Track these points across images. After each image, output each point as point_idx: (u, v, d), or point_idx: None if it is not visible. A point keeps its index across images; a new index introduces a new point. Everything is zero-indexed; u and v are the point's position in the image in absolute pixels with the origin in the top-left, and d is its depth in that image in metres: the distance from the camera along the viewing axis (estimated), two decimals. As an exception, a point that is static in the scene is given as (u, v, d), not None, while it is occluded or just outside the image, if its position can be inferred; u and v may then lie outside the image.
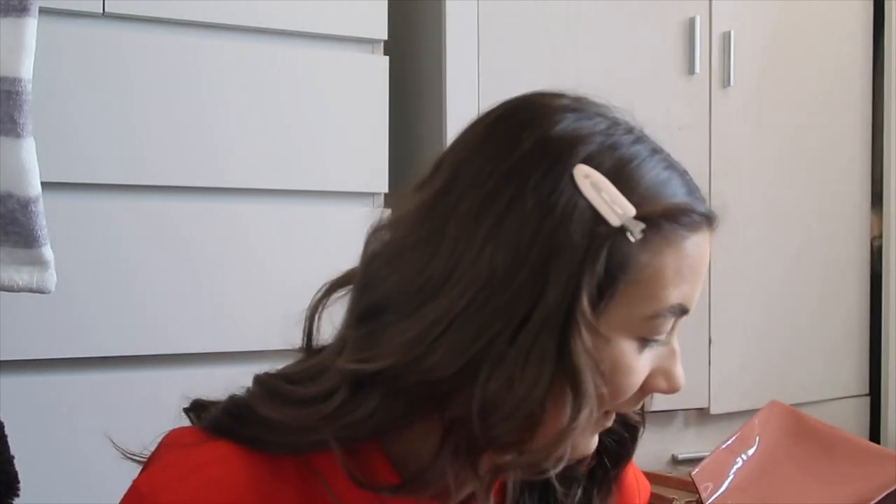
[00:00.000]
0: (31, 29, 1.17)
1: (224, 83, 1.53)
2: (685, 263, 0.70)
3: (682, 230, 0.69)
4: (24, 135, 1.16)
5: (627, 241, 0.66)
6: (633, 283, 0.67)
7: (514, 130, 0.72)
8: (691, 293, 0.71)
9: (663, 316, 0.69)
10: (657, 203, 0.69)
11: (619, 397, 0.70)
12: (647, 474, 1.91)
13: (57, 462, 1.27)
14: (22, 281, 1.19)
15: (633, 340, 0.69)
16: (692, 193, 0.74)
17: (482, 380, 0.65)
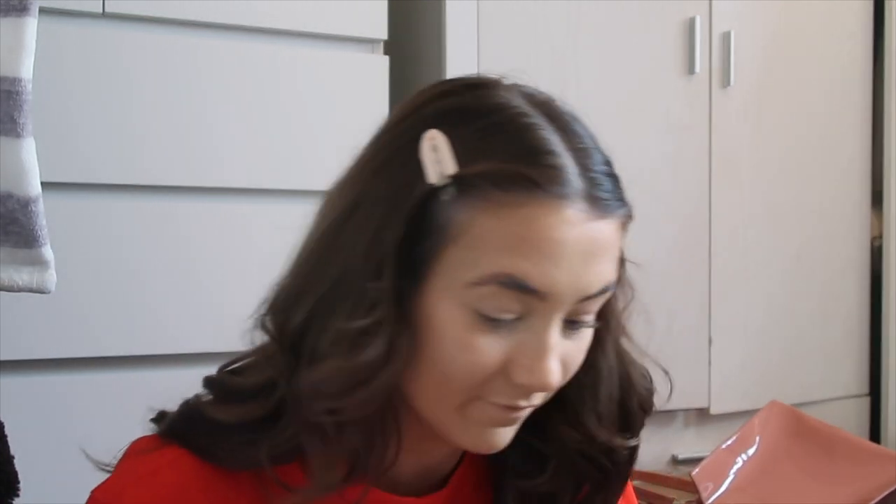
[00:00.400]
0: (31, 29, 1.17)
1: (224, 83, 1.53)
2: (516, 233, 0.65)
3: (501, 193, 0.65)
4: (24, 135, 1.16)
5: (446, 199, 0.66)
6: (454, 244, 0.66)
7: (401, 109, 0.73)
8: (530, 271, 0.65)
9: (488, 285, 0.65)
10: (481, 163, 0.66)
11: (464, 376, 0.67)
12: (647, 474, 1.92)
13: (57, 462, 1.27)
14: (22, 281, 1.19)
15: (466, 311, 0.67)
16: (545, 163, 0.67)
17: (316, 333, 0.68)
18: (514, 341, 0.68)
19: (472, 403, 0.69)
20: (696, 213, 1.96)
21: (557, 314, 0.68)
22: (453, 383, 0.68)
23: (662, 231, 1.93)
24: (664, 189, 1.93)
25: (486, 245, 0.66)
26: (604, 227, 0.68)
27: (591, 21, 1.86)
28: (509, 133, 0.68)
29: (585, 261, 0.67)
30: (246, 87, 1.55)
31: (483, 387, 0.68)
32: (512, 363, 0.68)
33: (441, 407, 0.70)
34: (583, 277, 0.67)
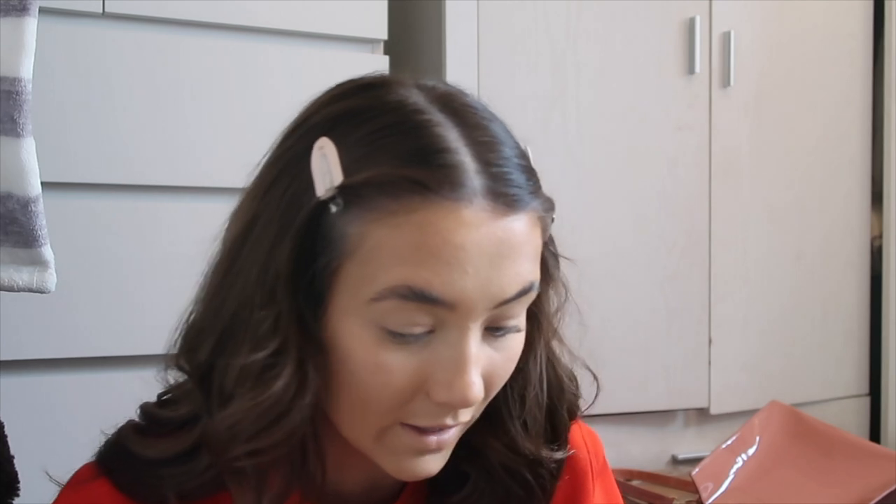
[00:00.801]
0: (30, 29, 1.17)
1: (224, 83, 1.53)
2: (411, 241, 0.61)
3: (390, 201, 0.61)
4: (24, 135, 1.16)
5: (335, 212, 0.62)
6: (350, 259, 0.62)
7: (297, 117, 0.70)
8: (432, 280, 0.61)
9: (388, 300, 0.61)
10: (368, 170, 0.62)
11: (379, 399, 0.64)
12: (647, 474, 1.92)
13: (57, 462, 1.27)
14: (22, 281, 1.19)
15: (371, 330, 0.63)
16: (435, 163, 0.62)
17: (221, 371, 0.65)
18: (429, 356, 0.64)
19: (391, 430, 0.65)
20: (696, 213, 1.96)
21: (472, 323, 0.63)
22: (370, 407, 0.64)
23: (662, 231, 1.93)
24: (664, 189, 1.93)
25: (382, 258, 0.61)
26: (513, 225, 0.63)
27: (591, 21, 1.86)
28: (400, 134, 0.63)
29: (494, 263, 0.62)
30: (246, 87, 1.55)
31: (402, 409, 0.64)
32: (430, 380, 0.64)
33: (361, 433, 0.66)
34: (494, 281, 0.62)
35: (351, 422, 0.67)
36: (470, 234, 0.61)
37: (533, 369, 0.73)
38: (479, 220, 0.62)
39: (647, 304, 1.93)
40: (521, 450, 0.73)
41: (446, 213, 0.61)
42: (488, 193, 0.63)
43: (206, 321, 0.68)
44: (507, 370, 0.68)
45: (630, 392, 1.91)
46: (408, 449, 0.66)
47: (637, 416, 1.94)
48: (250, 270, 0.65)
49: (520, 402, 0.73)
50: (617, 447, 1.92)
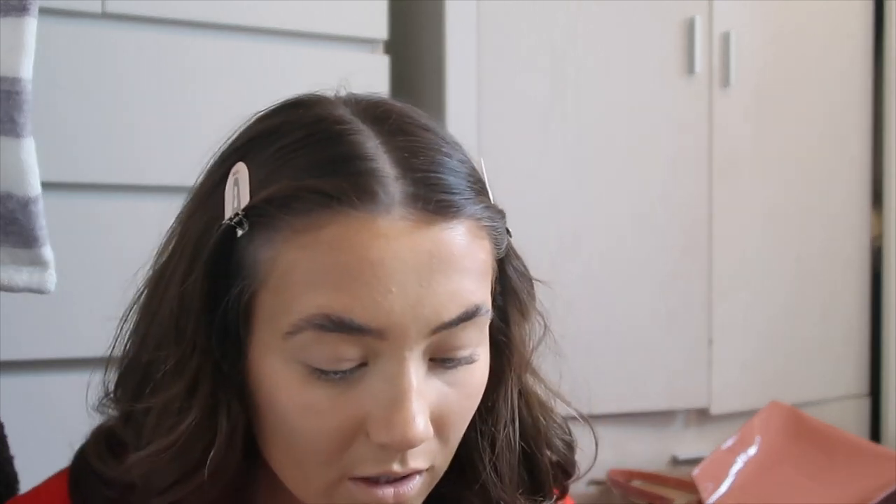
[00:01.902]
0: (30, 29, 1.17)
1: (224, 83, 1.53)
2: (324, 262, 0.54)
3: (294, 218, 0.55)
4: (24, 135, 1.16)
5: (242, 236, 0.56)
6: (264, 288, 0.56)
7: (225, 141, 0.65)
8: (355, 304, 0.54)
9: (305, 331, 0.54)
10: (271, 187, 0.56)
11: (313, 446, 0.56)
12: (647, 474, 1.92)
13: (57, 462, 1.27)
14: (22, 281, 1.19)
15: (294, 366, 0.56)
16: (342, 172, 0.55)
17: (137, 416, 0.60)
18: (363, 392, 0.56)
19: (340, 486, 0.58)
20: (696, 213, 1.96)
21: (409, 352, 0.55)
22: (307, 457, 0.57)
23: (662, 231, 1.93)
24: (664, 189, 1.93)
25: (294, 284, 0.55)
26: (445, 235, 0.55)
27: (591, 21, 1.86)
28: (310, 146, 0.57)
29: (424, 280, 0.55)
30: (246, 87, 1.55)
31: (343, 458, 0.57)
32: (367, 420, 0.56)
33: (307, 491, 0.59)
34: (426, 301, 0.55)
35: (294, 477, 0.60)
36: (389, 246, 0.54)
37: (503, 408, 0.64)
38: (399, 230, 0.54)
39: (647, 304, 1.92)
40: (494, 501, 0.64)
41: (359, 225, 0.54)
42: (409, 200, 0.55)
43: (128, 359, 0.64)
44: (466, 408, 0.60)
45: (630, 392, 1.91)
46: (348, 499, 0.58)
47: (637, 416, 1.94)
48: (167, 307, 0.60)
49: (490, 446, 0.64)
50: (617, 447, 1.92)
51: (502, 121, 1.77)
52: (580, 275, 1.84)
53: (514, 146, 1.78)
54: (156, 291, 0.63)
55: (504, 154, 1.76)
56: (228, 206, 0.58)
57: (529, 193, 1.79)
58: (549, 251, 1.82)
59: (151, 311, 0.62)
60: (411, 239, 0.54)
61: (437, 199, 0.56)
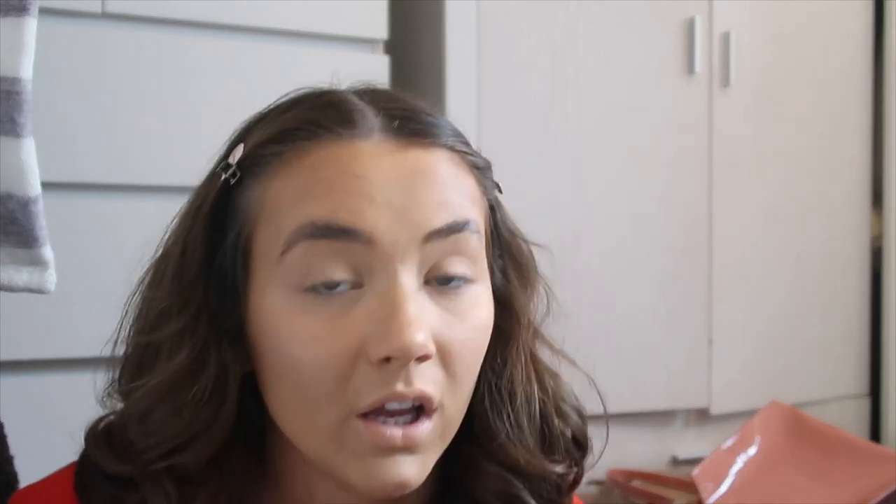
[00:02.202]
0: (30, 29, 1.17)
1: (224, 83, 1.53)
2: (309, 178, 0.58)
3: (282, 148, 0.59)
4: (24, 135, 1.16)
5: (237, 186, 0.61)
6: (259, 225, 0.59)
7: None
8: (339, 209, 0.56)
9: (297, 245, 0.57)
10: (259, 134, 0.61)
11: (316, 376, 0.57)
12: (647, 474, 1.92)
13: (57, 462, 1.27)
14: (22, 281, 1.19)
15: (291, 294, 0.58)
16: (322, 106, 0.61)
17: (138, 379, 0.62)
18: (359, 314, 0.57)
19: (347, 427, 0.58)
20: (696, 213, 1.96)
21: (401, 265, 0.57)
22: (310, 393, 0.57)
23: (662, 231, 1.93)
24: (664, 189, 1.93)
25: (282, 207, 0.58)
26: (424, 157, 0.58)
27: (591, 21, 1.86)
28: (298, 104, 0.62)
29: (408, 191, 0.57)
30: (246, 87, 1.54)
31: (346, 390, 0.57)
32: (367, 342, 0.56)
33: (315, 436, 0.59)
34: (413, 210, 0.57)
35: (301, 424, 0.59)
36: (371, 162, 0.57)
37: (517, 364, 0.65)
38: (381, 150, 0.58)
39: (647, 304, 1.92)
40: (513, 462, 0.64)
41: (341, 146, 0.58)
42: (388, 128, 0.59)
43: (130, 344, 0.67)
44: (472, 342, 0.60)
45: (630, 392, 1.91)
46: (371, 449, 0.58)
47: (637, 416, 1.94)
48: (170, 269, 0.63)
49: (507, 403, 0.64)
50: (617, 447, 1.92)
51: (502, 121, 1.77)
52: (580, 275, 1.84)
53: (514, 146, 1.78)
54: (158, 268, 0.65)
55: (504, 154, 1.75)
56: (222, 170, 0.62)
57: (529, 193, 1.79)
58: (548, 251, 1.81)
59: (154, 285, 0.64)
60: (393, 158, 0.58)
61: (414, 128, 0.59)
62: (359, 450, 0.58)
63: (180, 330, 0.60)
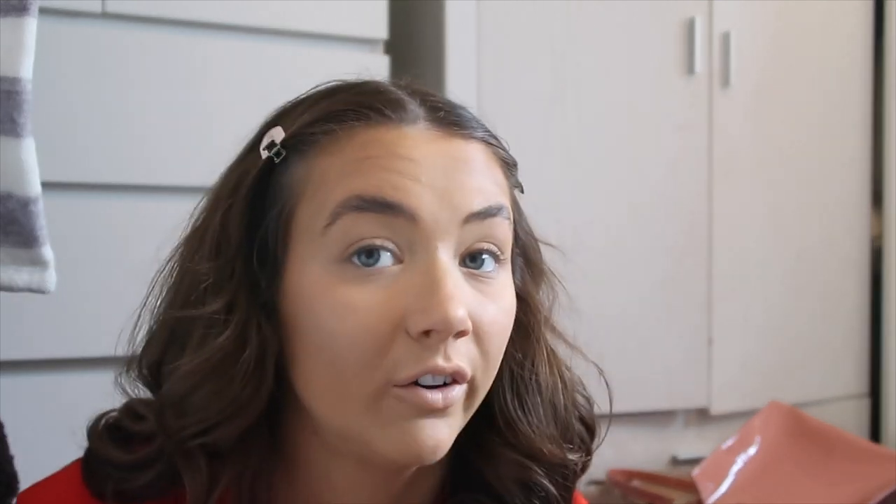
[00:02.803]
0: (30, 29, 1.17)
1: (224, 83, 1.53)
2: (357, 156, 0.60)
3: (333, 128, 0.61)
4: (24, 135, 1.16)
5: (281, 164, 0.63)
6: (302, 200, 0.61)
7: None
8: (382, 185, 0.58)
9: (342, 218, 0.58)
10: (306, 116, 0.64)
11: (355, 349, 0.58)
12: (647, 474, 1.92)
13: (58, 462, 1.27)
14: (22, 281, 1.19)
15: (334, 267, 0.59)
16: (375, 95, 0.64)
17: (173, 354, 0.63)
18: (400, 289, 0.59)
19: (385, 398, 0.59)
20: (696, 213, 1.96)
21: (441, 242, 0.59)
22: (347, 364, 0.58)
23: (662, 231, 1.93)
24: (664, 189, 1.93)
25: (329, 182, 0.60)
26: (464, 146, 0.62)
27: (591, 21, 1.86)
28: (341, 90, 0.65)
29: (450, 176, 0.60)
30: (246, 86, 1.55)
31: (384, 362, 0.58)
32: (407, 315, 0.58)
33: (349, 409, 0.60)
34: (454, 192, 0.60)
35: (334, 397, 0.60)
36: (418, 147, 0.60)
37: (537, 355, 0.68)
38: (425, 137, 0.61)
39: (647, 304, 1.92)
40: (535, 450, 0.66)
41: (388, 130, 0.61)
42: (432, 118, 0.63)
43: (159, 318, 0.68)
44: (501, 324, 0.62)
45: (630, 392, 1.91)
46: (411, 413, 0.59)
47: (637, 416, 1.94)
48: (207, 246, 0.64)
49: (526, 392, 0.67)
50: (617, 447, 1.92)
51: (502, 121, 1.75)
52: (579, 275, 1.83)
53: (514, 146, 1.78)
54: (192, 244, 0.66)
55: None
56: (262, 146, 0.64)
57: (529, 193, 1.78)
58: (548, 251, 1.81)
59: (190, 260, 0.65)
60: (437, 144, 0.61)
61: (455, 119, 0.63)
62: (396, 417, 0.59)
63: (224, 306, 0.61)
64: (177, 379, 0.62)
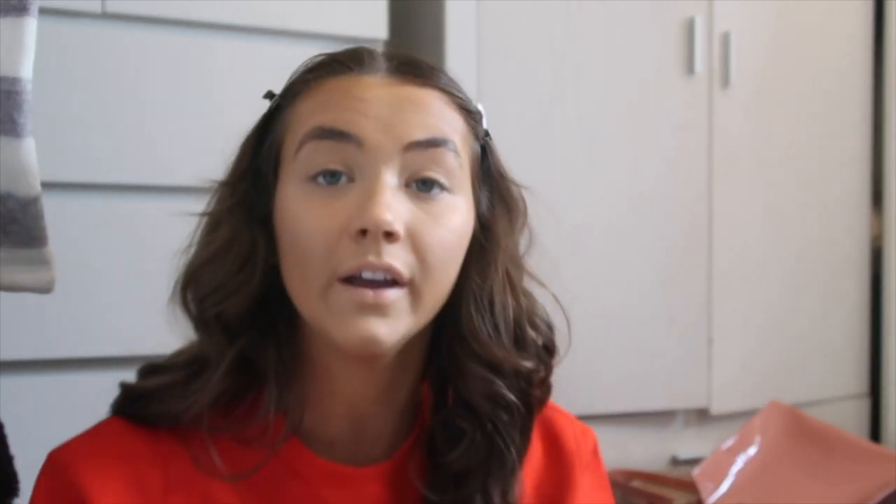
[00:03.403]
0: (30, 29, 1.17)
1: (224, 83, 1.53)
2: (321, 100, 0.75)
3: (309, 78, 0.77)
4: (24, 135, 1.16)
5: (276, 112, 0.79)
6: (288, 134, 0.77)
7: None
8: (336, 118, 0.74)
9: (306, 144, 0.74)
10: (299, 72, 0.80)
11: (313, 244, 0.72)
12: (647, 474, 1.92)
13: (57, 462, 1.28)
14: (22, 281, 1.19)
15: (300, 183, 0.74)
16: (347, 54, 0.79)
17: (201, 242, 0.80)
18: (349, 200, 0.73)
19: (331, 290, 0.72)
20: (696, 213, 1.97)
21: (383, 166, 0.73)
22: (303, 262, 0.73)
23: (662, 231, 1.93)
24: (664, 189, 1.93)
25: (301, 119, 0.76)
26: (417, 91, 0.75)
27: (591, 21, 1.86)
28: (330, 57, 0.79)
29: (396, 111, 0.74)
30: (246, 86, 1.54)
31: (329, 258, 0.72)
32: (351, 219, 0.72)
33: (310, 300, 0.74)
34: (398, 125, 0.73)
35: (300, 289, 0.74)
36: (371, 90, 0.75)
37: (495, 280, 0.79)
38: (381, 83, 0.75)
39: (647, 304, 1.93)
40: (492, 357, 0.77)
41: (350, 77, 0.76)
42: (390, 69, 0.77)
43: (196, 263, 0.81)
44: (443, 238, 0.74)
45: (630, 392, 1.91)
46: (349, 307, 0.72)
47: (637, 416, 1.94)
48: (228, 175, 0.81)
49: (488, 310, 0.78)
50: (617, 447, 1.92)
51: (502, 121, 1.76)
52: (579, 274, 1.84)
53: (514, 146, 1.77)
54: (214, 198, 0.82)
55: (504, 154, 1.76)
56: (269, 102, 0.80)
57: (529, 193, 1.78)
58: (549, 251, 1.82)
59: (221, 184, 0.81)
60: (389, 88, 0.75)
61: (413, 70, 0.77)
62: (340, 309, 0.72)
63: (227, 208, 0.78)
64: (190, 261, 0.80)
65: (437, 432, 0.79)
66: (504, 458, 0.79)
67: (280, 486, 0.77)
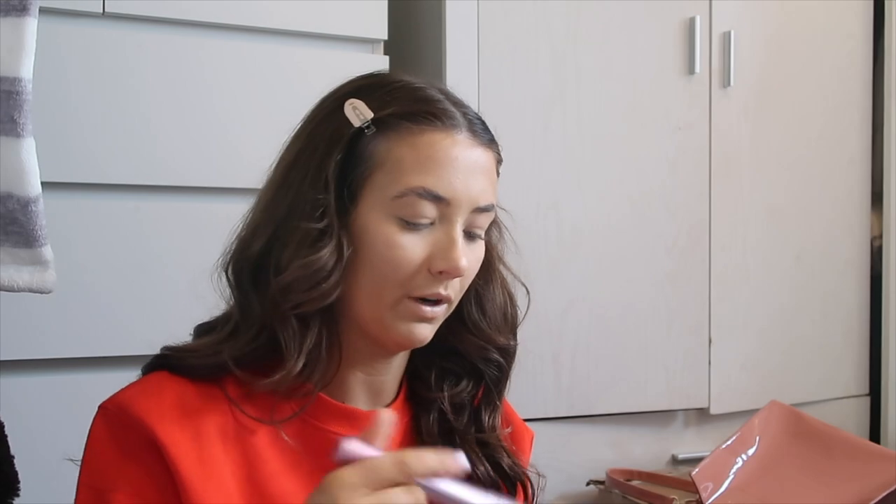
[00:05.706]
0: (31, 29, 1.17)
1: (224, 83, 1.54)
2: (423, 155, 0.89)
3: (411, 125, 0.89)
4: (24, 135, 1.16)
5: (367, 136, 0.89)
6: (378, 169, 0.89)
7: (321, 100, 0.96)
8: (437, 183, 0.88)
9: (409, 196, 0.88)
10: (392, 107, 0.90)
11: (394, 272, 0.89)
12: (647, 474, 1.92)
13: (58, 462, 1.27)
14: (22, 281, 1.19)
15: (392, 220, 0.89)
16: (437, 105, 0.91)
17: (279, 249, 0.90)
18: (430, 241, 0.90)
19: (401, 301, 0.90)
20: (696, 213, 1.97)
21: (459, 218, 0.90)
22: (387, 280, 0.90)
23: (662, 231, 1.93)
24: (664, 189, 1.93)
25: (404, 167, 0.89)
26: (483, 154, 0.92)
27: (591, 21, 1.86)
28: (409, 91, 0.92)
29: (473, 175, 0.90)
30: (246, 86, 1.55)
31: (409, 282, 0.90)
32: (430, 258, 0.90)
33: (377, 305, 0.91)
34: (473, 188, 0.90)
35: (370, 295, 0.90)
36: (462, 151, 0.90)
37: (494, 280, 1.00)
38: (466, 143, 0.91)
39: (647, 304, 1.93)
40: (489, 339, 0.99)
41: (445, 135, 0.90)
42: (468, 128, 0.92)
43: (261, 221, 0.92)
44: (474, 270, 0.95)
45: (630, 392, 1.91)
46: (412, 317, 0.91)
47: (637, 416, 1.94)
48: (302, 182, 0.90)
49: (487, 303, 0.99)
50: (617, 447, 1.92)
51: (502, 121, 1.75)
52: (580, 275, 1.84)
53: (514, 146, 1.78)
54: (287, 177, 0.91)
55: (504, 154, 1.76)
56: (353, 117, 0.90)
57: (529, 193, 1.79)
58: (549, 251, 1.82)
59: (284, 189, 0.91)
60: (471, 150, 0.91)
61: (480, 133, 0.93)
62: (404, 318, 0.91)
63: (326, 226, 0.89)
64: (287, 269, 0.89)
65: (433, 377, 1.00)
66: (490, 394, 1.01)
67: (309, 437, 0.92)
